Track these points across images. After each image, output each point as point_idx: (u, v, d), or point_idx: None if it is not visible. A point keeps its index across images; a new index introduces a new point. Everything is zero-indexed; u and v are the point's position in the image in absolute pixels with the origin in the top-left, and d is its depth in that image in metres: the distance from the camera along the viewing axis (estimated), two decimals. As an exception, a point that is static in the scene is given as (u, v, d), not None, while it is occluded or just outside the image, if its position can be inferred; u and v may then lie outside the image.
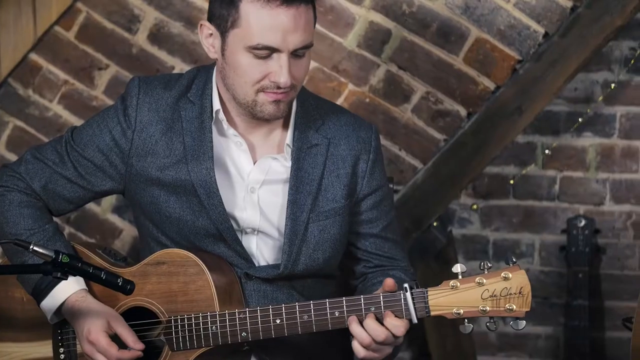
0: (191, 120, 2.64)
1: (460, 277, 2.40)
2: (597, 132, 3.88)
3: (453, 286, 2.39)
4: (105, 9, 3.56)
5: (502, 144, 3.57)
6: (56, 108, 3.63)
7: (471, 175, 3.62)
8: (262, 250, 2.66)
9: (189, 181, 2.61)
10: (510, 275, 2.37)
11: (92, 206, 3.65)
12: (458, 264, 2.41)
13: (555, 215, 3.92)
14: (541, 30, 3.46)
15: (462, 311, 2.38)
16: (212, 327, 2.53)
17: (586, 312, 3.79)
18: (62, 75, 3.61)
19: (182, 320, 2.54)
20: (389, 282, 2.45)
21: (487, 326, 2.40)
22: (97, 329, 2.53)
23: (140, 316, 2.60)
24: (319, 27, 3.46)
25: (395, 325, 2.43)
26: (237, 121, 2.66)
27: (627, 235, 3.89)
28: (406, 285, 2.42)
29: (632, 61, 3.79)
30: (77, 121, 3.58)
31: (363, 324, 2.44)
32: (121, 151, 2.66)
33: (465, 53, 3.48)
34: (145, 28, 3.56)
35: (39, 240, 2.61)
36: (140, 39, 3.57)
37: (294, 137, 2.65)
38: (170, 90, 2.67)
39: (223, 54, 2.58)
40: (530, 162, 3.90)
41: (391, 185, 2.97)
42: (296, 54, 2.54)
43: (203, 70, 2.72)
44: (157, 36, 3.56)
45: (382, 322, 2.44)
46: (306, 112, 2.69)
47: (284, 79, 2.52)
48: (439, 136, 3.55)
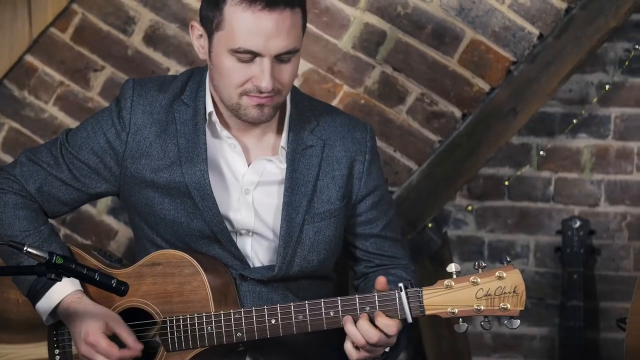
0: (185, 122, 2.64)
1: (454, 276, 2.40)
2: (592, 133, 3.88)
3: (447, 285, 2.39)
4: (100, 10, 3.56)
5: (496, 145, 3.57)
6: (52, 110, 3.63)
7: (466, 176, 3.61)
8: (257, 252, 2.67)
9: (183, 183, 2.61)
10: (505, 274, 2.37)
11: (87, 208, 3.64)
12: (452, 264, 2.41)
13: (550, 217, 3.92)
14: (536, 31, 3.46)
15: (456, 310, 2.38)
16: (207, 327, 2.53)
17: (581, 313, 3.79)
18: (57, 76, 3.61)
19: (178, 320, 2.54)
20: (381, 280, 2.45)
21: (482, 325, 2.40)
22: (96, 331, 2.52)
23: (135, 317, 2.60)
24: (314, 29, 3.46)
25: (386, 325, 2.43)
26: (231, 123, 2.66)
27: (621, 236, 3.89)
28: (401, 284, 2.42)
29: (627, 62, 3.79)
30: (72, 123, 3.57)
31: (356, 325, 2.44)
32: (115, 153, 2.66)
33: (460, 54, 3.48)
34: (141, 30, 3.56)
35: (34, 241, 2.61)
36: (136, 40, 3.57)
37: (288, 139, 2.65)
38: (164, 92, 2.67)
39: (210, 56, 2.58)
40: (525, 163, 3.90)
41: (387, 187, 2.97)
42: (280, 59, 2.52)
43: (197, 72, 2.72)
44: (153, 38, 3.56)
45: (374, 322, 2.44)
46: (300, 114, 2.68)
47: (265, 83, 2.51)
48: (434, 137, 3.55)
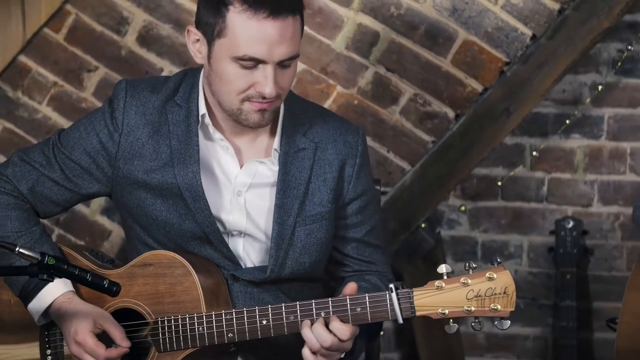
0: (178, 124, 2.64)
1: (445, 277, 2.40)
2: (585, 133, 3.87)
3: (438, 286, 2.39)
4: (94, 11, 3.56)
5: (490, 146, 3.57)
6: (45, 110, 3.63)
7: (459, 176, 3.61)
8: (249, 253, 2.67)
9: (175, 184, 2.62)
10: (495, 275, 2.38)
11: (81, 208, 3.65)
12: (443, 265, 2.41)
13: (544, 217, 3.92)
14: (529, 32, 3.47)
15: (447, 311, 2.38)
16: (198, 328, 2.53)
17: (574, 313, 3.79)
18: (51, 77, 3.61)
19: (169, 321, 2.55)
20: (351, 286, 2.46)
21: (472, 326, 2.40)
22: (84, 330, 2.53)
23: (127, 318, 2.60)
24: (308, 29, 3.46)
25: (340, 329, 2.43)
26: (224, 125, 2.66)
27: (614, 236, 3.89)
28: (392, 285, 2.42)
29: (620, 63, 3.78)
30: (66, 123, 3.57)
31: (311, 329, 2.44)
32: (108, 154, 2.66)
33: (453, 55, 3.49)
34: (134, 30, 3.56)
35: (26, 242, 2.61)
36: (129, 41, 3.57)
37: (281, 142, 2.65)
38: (157, 93, 2.67)
39: (209, 61, 2.57)
40: (519, 163, 3.89)
41: (380, 187, 2.96)
42: (282, 64, 2.53)
43: (190, 73, 2.71)
44: (146, 38, 3.56)
45: (329, 327, 2.44)
46: (293, 116, 2.68)
47: (269, 89, 2.52)
48: (427, 138, 3.56)
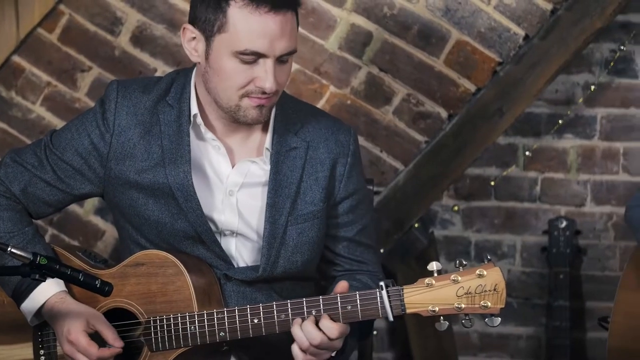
0: (169, 124, 2.65)
1: (435, 274, 2.41)
2: (578, 133, 3.88)
3: (428, 284, 2.39)
4: (88, 11, 3.56)
5: (483, 146, 3.58)
6: (39, 110, 3.63)
7: (452, 176, 3.62)
8: (242, 252, 2.67)
9: (167, 184, 2.62)
10: (485, 272, 2.38)
11: (74, 208, 3.65)
12: (434, 262, 2.41)
13: (537, 217, 3.92)
14: (521, 32, 3.47)
15: (437, 308, 2.39)
16: (190, 327, 2.53)
17: (567, 313, 3.80)
18: (44, 77, 3.61)
19: (161, 320, 2.55)
20: (343, 284, 2.46)
21: (463, 323, 2.40)
22: (77, 329, 2.53)
23: (120, 317, 2.60)
24: (301, 29, 3.46)
25: (329, 327, 2.43)
26: (216, 125, 2.66)
27: (607, 236, 3.90)
28: (382, 283, 2.43)
29: (612, 63, 3.79)
30: (59, 123, 3.58)
31: (301, 327, 2.45)
32: (100, 154, 2.66)
33: (446, 55, 3.49)
34: (128, 30, 3.57)
35: (18, 242, 2.61)
36: (123, 41, 3.57)
37: (273, 141, 2.65)
38: (148, 93, 2.67)
39: (207, 58, 2.57)
40: (512, 163, 3.90)
41: (372, 187, 2.96)
42: (281, 59, 2.55)
43: (182, 73, 2.72)
44: (140, 38, 3.57)
45: (318, 325, 2.44)
46: (285, 116, 2.69)
47: (269, 84, 2.53)
48: (420, 138, 3.56)
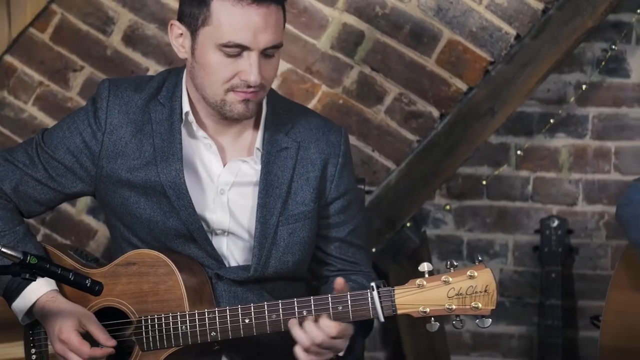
0: (161, 122, 2.65)
1: (426, 275, 2.41)
2: (570, 132, 3.89)
3: (419, 285, 2.39)
4: (79, 10, 3.56)
5: (474, 145, 3.58)
6: (31, 110, 3.63)
7: (444, 176, 3.62)
8: (233, 251, 2.67)
9: (159, 182, 2.62)
10: (476, 273, 2.38)
11: (67, 207, 3.65)
12: (424, 263, 2.41)
13: (529, 216, 3.93)
14: (513, 32, 3.48)
15: (428, 309, 2.39)
16: (181, 326, 2.53)
17: (559, 312, 3.80)
18: (37, 76, 3.61)
19: (152, 320, 2.55)
20: (340, 281, 2.46)
21: (454, 324, 2.40)
22: (69, 328, 2.53)
23: (111, 316, 2.60)
24: (293, 29, 3.47)
25: (327, 326, 2.44)
26: (207, 123, 2.66)
27: (599, 235, 3.90)
28: (373, 284, 2.43)
29: (604, 62, 3.80)
30: (52, 123, 3.57)
31: (302, 326, 2.45)
32: (91, 153, 2.67)
33: (438, 55, 3.49)
34: (120, 30, 3.57)
35: (9, 242, 2.61)
36: (115, 40, 3.57)
37: (263, 141, 2.66)
38: (140, 92, 2.68)
39: (193, 53, 2.59)
40: (504, 162, 3.90)
41: (364, 187, 2.97)
42: (266, 53, 2.56)
43: (174, 72, 2.72)
44: (132, 38, 3.57)
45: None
46: (276, 115, 2.69)
47: (254, 77, 2.53)
48: (412, 137, 3.56)
